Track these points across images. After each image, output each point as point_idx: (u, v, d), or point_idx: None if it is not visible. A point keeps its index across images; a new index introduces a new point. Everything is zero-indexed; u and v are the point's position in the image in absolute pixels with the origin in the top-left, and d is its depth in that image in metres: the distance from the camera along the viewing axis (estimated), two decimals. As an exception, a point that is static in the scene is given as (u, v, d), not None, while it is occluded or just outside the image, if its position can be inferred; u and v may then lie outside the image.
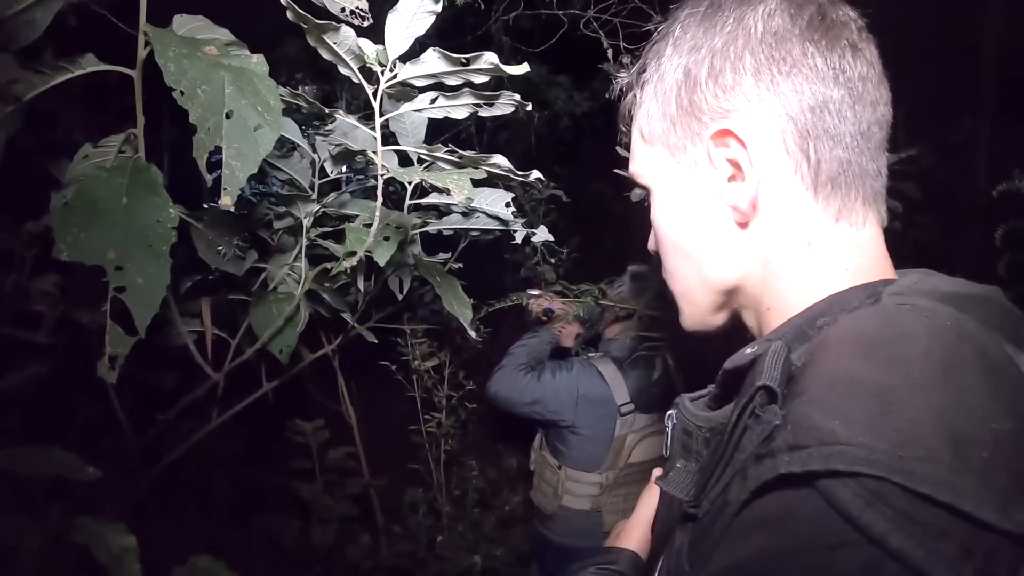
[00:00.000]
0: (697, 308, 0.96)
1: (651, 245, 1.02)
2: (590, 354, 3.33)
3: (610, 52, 2.86)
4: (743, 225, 0.85)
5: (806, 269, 0.84)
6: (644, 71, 0.94)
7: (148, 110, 1.45)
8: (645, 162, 0.95)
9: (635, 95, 0.96)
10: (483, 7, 3.22)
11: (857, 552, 0.52)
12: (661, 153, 0.92)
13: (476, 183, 1.68)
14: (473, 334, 2.01)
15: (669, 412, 0.95)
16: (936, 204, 5.15)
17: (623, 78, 1.00)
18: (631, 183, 1.07)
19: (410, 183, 1.73)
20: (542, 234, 2.03)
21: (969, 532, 0.51)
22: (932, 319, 0.66)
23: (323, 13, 1.39)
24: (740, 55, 0.82)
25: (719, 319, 0.95)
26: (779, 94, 0.81)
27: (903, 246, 4.64)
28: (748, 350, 0.78)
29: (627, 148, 1.02)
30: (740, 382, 0.75)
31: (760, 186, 0.83)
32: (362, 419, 3.40)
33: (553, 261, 3.74)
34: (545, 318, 3.34)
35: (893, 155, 2.57)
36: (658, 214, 0.95)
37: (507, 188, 1.90)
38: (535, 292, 3.41)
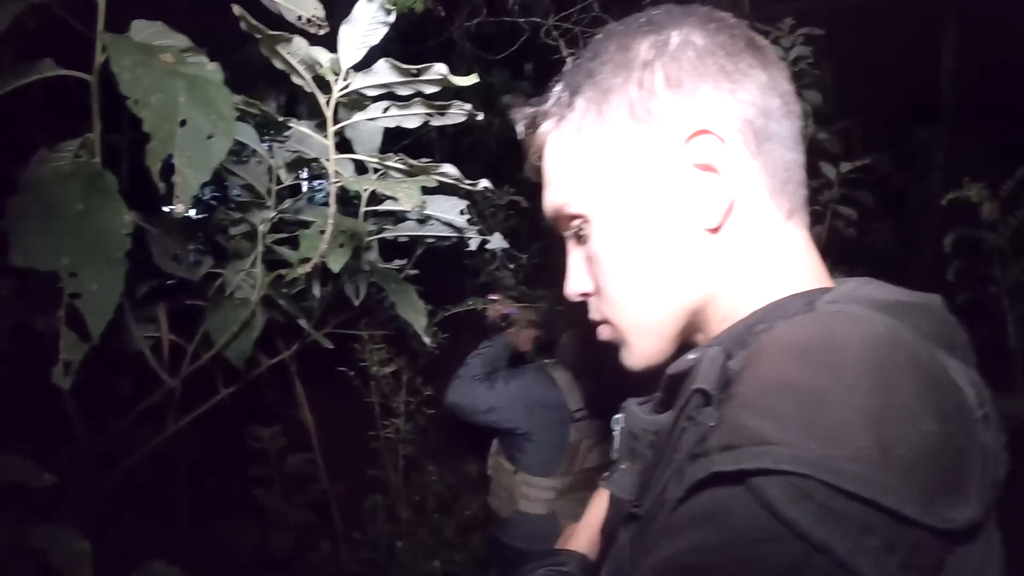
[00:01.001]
0: (655, 338, 0.92)
1: (575, 288, 0.99)
2: (545, 360, 3.36)
3: (569, 61, 2.91)
4: (715, 230, 0.85)
5: (761, 273, 0.86)
6: (576, 93, 0.92)
7: (107, 113, 1.46)
8: (583, 185, 0.92)
9: (560, 119, 0.94)
10: (444, 15, 3.25)
11: (785, 546, 0.55)
12: (607, 170, 0.89)
13: (431, 191, 1.70)
14: (427, 340, 2.03)
15: (616, 416, 0.97)
16: (893, 211, 5.26)
17: (529, 110, 0.99)
18: (549, 222, 1.01)
19: (365, 191, 1.75)
20: (496, 241, 2.06)
21: (893, 527, 0.54)
22: (866, 326, 0.68)
23: (281, 21, 1.41)
24: (695, 65, 0.84)
25: (673, 346, 0.92)
26: (737, 99, 0.83)
27: (861, 252, 4.74)
28: (690, 356, 0.80)
29: (537, 180, 1.00)
30: (681, 387, 0.78)
31: (738, 188, 0.84)
32: (320, 425, 3.39)
33: (512, 266, 3.76)
34: (503, 323, 3.37)
35: (848, 164, 2.61)
36: (605, 240, 0.91)
37: (467, 195, 1.92)
38: (494, 297, 3.45)
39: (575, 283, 0.99)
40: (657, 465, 0.76)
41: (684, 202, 0.85)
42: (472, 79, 1.39)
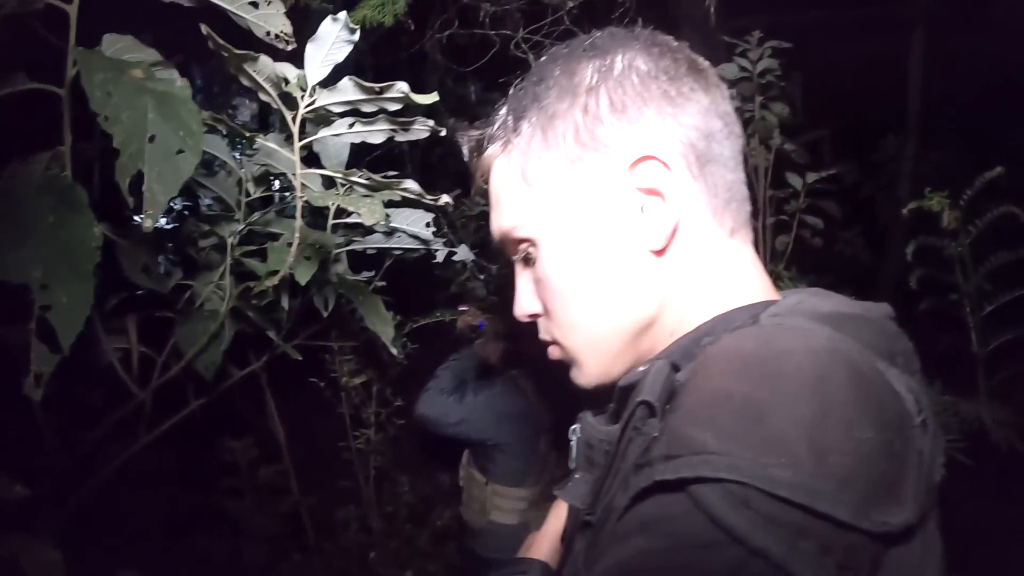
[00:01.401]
0: (607, 356, 0.93)
1: (524, 309, 1.01)
2: (513, 372, 3.39)
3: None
4: (660, 252, 0.88)
5: (706, 288, 0.89)
6: (521, 118, 0.93)
7: (76, 123, 1.48)
8: (530, 209, 0.94)
9: (506, 143, 0.95)
10: (414, 28, 3.28)
11: (724, 551, 0.58)
12: (553, 195, 0.91)
13: (398, 204, 1.74)
14: (395, 351, 2.05)
15: (573, 427, 0.99)
16: (862, 219, 5.34)
17: (475, 134, 1.00)
18: (497, 245, 1.03)
19: (331, 205, 1.78)
20: (463, 253, 2.09)
21: (828, 531, 0.58)
22: (807, 338, 0.71)
23: (249, 36, 1.45)
24: (639, 90, 0.87)
25: (625, 364, 0.93)
26: (680, 123, 0.87)
27: (830, 260, 4.81)
28: (640, 368, 0.83)
29: (485, 202, 1.02)
30: (630, 398, 0.80)
31: (681, 210, 0.87)
32: (292, 437, 3.40)
33: (482, 277, 3.80)
34: (472, 335, 3.39)
35: (814, 174, 2.67)
36: (553, 263, 0.93)
37: (435, 206, 1.95)
38: (463, 308, 3.48)
39: (524, 304, 1.01)
40: (606, 474, 0.79)
41: (629, 226, 0.88)
42: (432, 97, 1.42)
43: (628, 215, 0.88)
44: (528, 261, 0.97)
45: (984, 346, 2.72)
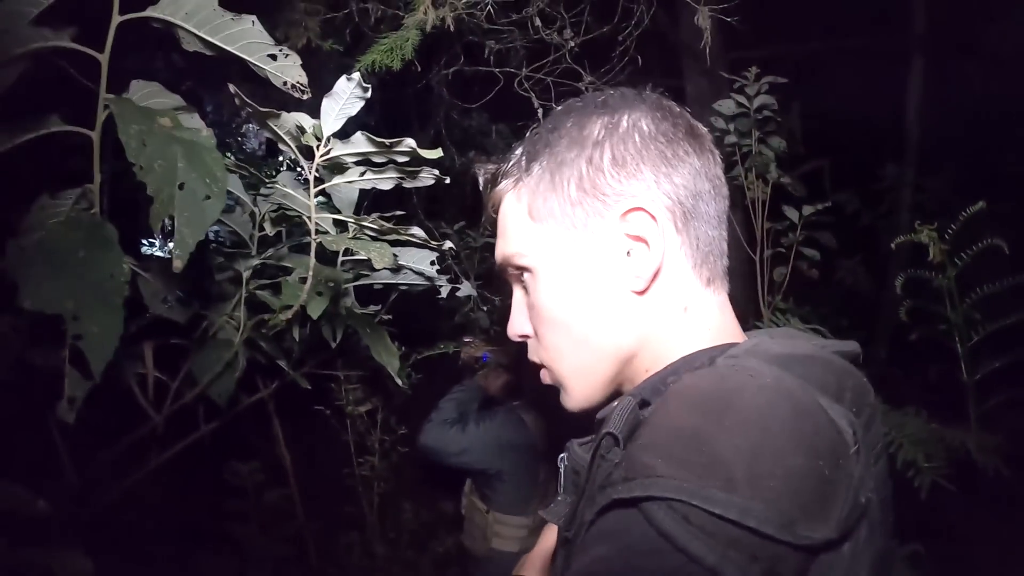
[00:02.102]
0: (589, 383, 1.05)
1: (517, 330, 1.13)
2: (515, 402, 3.47)
3: (540, 111, 3.04)
4: (642, 292, 0.98)
5: (680, 331, 1.00)
6: (534, 160, 1.04)
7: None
8: (532, 241, 1.04)
9: (517, 180, 1.07)
10: (422, 61, 3.38)
11: (668, 557, 0.69)
12: (554, 231, 1.02)
13: (404, 243, 1.84)
14: (400, 382, 2.13)
15: (561, 456, 1.11)
16: (862, 248, 5.40)
17: (491, 168, 1.13)
18: (499, 268, 1.15)
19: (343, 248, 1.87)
20: (466, 289, 2.17)
21: (756, 543, 0.68)
22: (756, 378, 0.82)
23: (269, 84, 1.56)
24: (639, 149, 0.98)
25: (607, 392, 1.05)
26: (672, 182, 0.98)
27: (831, 289, 4.86)
28: (615, 403, 0.93)
29: (492, 232, 1.14)
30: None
31: (664, 257, 0.98)
32: (297, 462, 3.47)
33: (486, 308, 3.88)
34: (476, 365, 3.47)
35: (810, 207, 2.73)
36: (546, 292, 1.04)
37: (441, 238, 2.03)
38: (468, 340, 3.55)
39: (516, 326, 1.13)
40: (582, 496, 0.90)
41: (616, 267, 0.99)
42: (437, 152, 1.54)
43: (616, 257, 0.99)
44: (525, 287, 1.09)
45: (972, 375, 2.79)
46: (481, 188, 1.16)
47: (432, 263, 2.02)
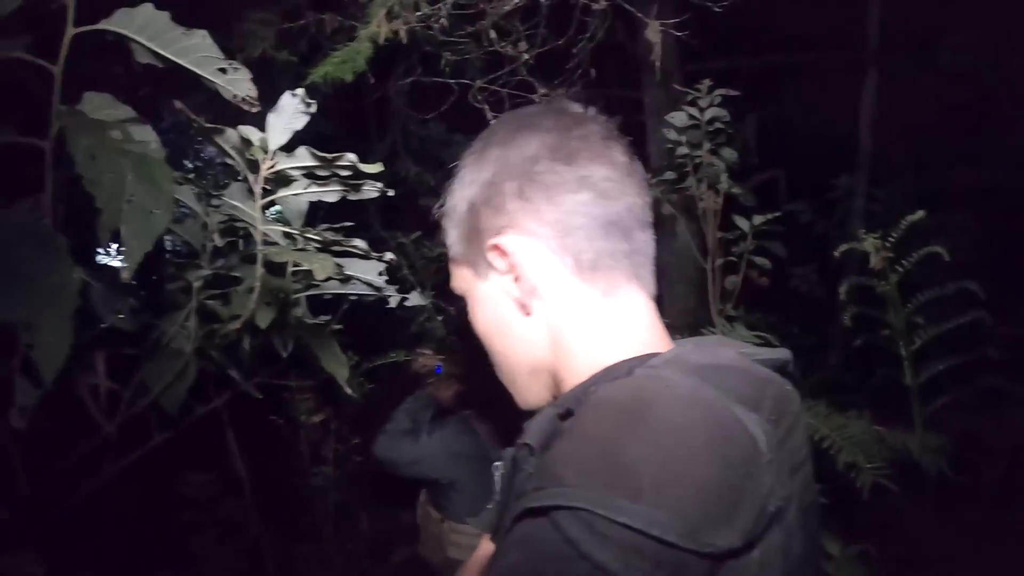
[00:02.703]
0: (519, 390, 1.12)
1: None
2: (466, 411, 3.49)
3: (492, 122, 3.05)
4: (528, 314, 1.04)
5: (585, 343, 1.02)
6: (443, 205, 1.13)
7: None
8: (458, 277, 1.14)
9: (443, 216, 1.14)
10: (380, 71, 3.39)
11: (575, 564, 0.71)
12: (460, 264, 1.12)
13: (349, 254, 1.87)
14: (350, 391, 2.15)
15: (496, 463, 1.13)
16: (815, 257, 5.48)
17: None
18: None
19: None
20: (415, 299, 2.19)
21: (660, 550, 0.70)
22: (671, 388, 0.84)
23: (218, 97, 1.59)
24: (502, 182, 1.03)
25: (541, 397, 1.10)
26: (537, 208, 1.01)
27: (785, 297, 4.93)
28: (538, 415, 0.97)
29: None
30: None
31: (536, 280, 1.02)
32: (253, 473, 3.47)
33: (441, 318, 3.90)
34: (430, 378, 3.49)
35: (760, 216, 2.79)
36: (472, 318, 1.13)
37: (397, 248, 2.04)
38: (425, 351, 3.57)
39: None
40: (505, 504, 0.95)
41: (502, 295, 1.06)
42: (377, 167, 1.58)
43: (503, 285, 1.06)
44: None
45: (916, 378, 2.86)
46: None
47: (380, 273, 2.04)
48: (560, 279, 1.03)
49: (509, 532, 0.80)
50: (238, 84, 1.58)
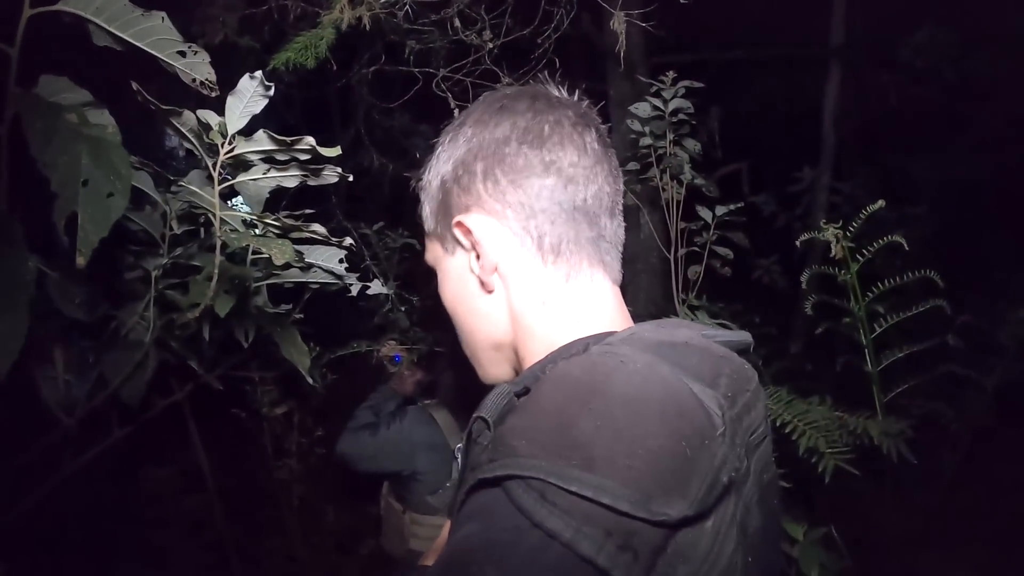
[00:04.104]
0: (481, 365, 1.17)
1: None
2: (426, 401, 3.49)
3: (456, 112, 3.05)
4: (489, 291, 1.07)
5: (544, 323, 1.05)
6: (424, 172, 1.15)
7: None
8: (430, 250, 1.18)
9: (419, 189, 1.18)
10: (343, 60, 3.37)
11: (528, 534, 0.72)
12: (433, 238, 1.16)
13: (308, 241, 1.85)
14: (311, 380, 2.13)
15: (458, 445, 1.16)
16: (778, 248, 5.54)
17: (418, 173, 1.20)
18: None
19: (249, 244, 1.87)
20: (376, 287, 2.17)
21: (611, 519, 0.71)
22: (627, 363, 0.85)
23: (177, 80, 1.56)
24: (473, 162, 1.05)
25: (503, 372, 1.15)
26: (503, 189, 1.04)
27: (748, 287, 4.99)
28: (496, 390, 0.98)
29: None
30: None
31: (497, 259, 1.05)
32: (216, 466, 3.44)
33: (404, 308, 3.88)
34: (391, 366, 3.48)
35: (723, 207, 2.81)
36: (440, 291, 1.17)
37: (361, 238, 2.02)
38: (390, 340, 3.56)
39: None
40: (461, 480, 0.94)
41: (467, 272, 1.10)
42: (336, 151, 1.55)
43: (464, 263, 1.10)
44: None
45: (876, 365, 2.90)
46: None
47: (341, 261, 2.02)
48: (521, 260, 1.06)
49: (463, 504, 0.81)
50: (197, 67, 1.56)
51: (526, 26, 3.20)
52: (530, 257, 1.05)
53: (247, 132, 1.58)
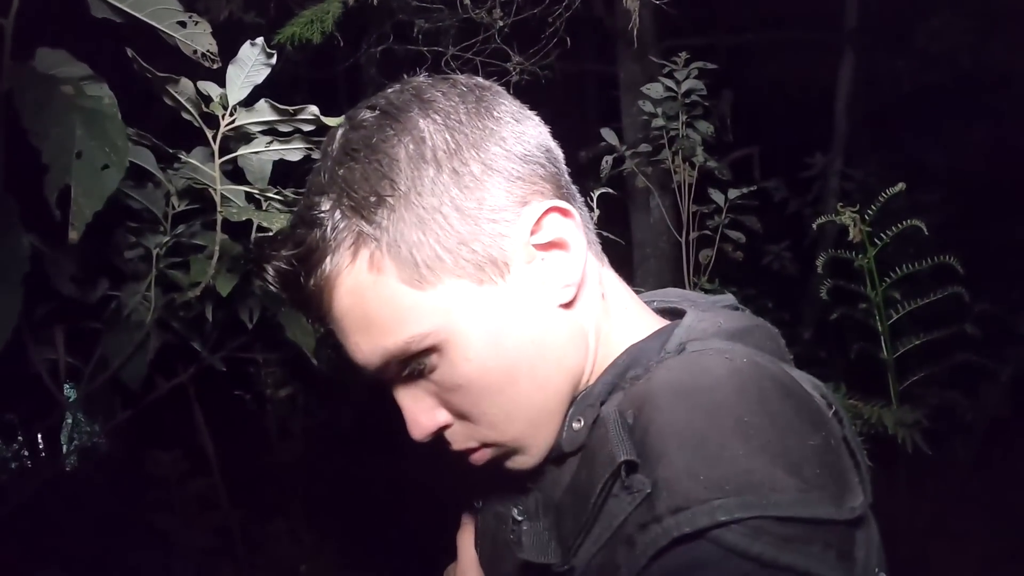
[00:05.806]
0: (551, 427, 0.87)
1: (430, 425, 0.87)
2: None
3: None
4: (570, 304, 0.84)
5: (613, 323, 0.90)
6: (364, 208, 0.79)
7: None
8: (427, 314, 0.79)
9: (354, 248, 0.80)
10: (351, 40, 3.32)
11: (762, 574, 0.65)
12: (454, 284, 0.79)
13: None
14: (315, 361, 2.09)
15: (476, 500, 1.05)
16: (789, 234, 5.49)
17: (286, 254, 0.83)
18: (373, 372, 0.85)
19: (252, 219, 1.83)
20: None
21: (823, 530, 0.66)
22: (732, 360, 0.77)
23: (177, 52, 1.52)
24: (508, 154, 0.82)
25: (559, 424, 0.88)
26: (548, 159, 0.88)
27: (762, 272, 4.95)
28: (575, 425, 0.85)
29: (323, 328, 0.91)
30: (583, 451, 0.84)
31: (584, 254, 0.85)
32: (221, 449, 3.41)
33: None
34: None
35: (736, 190, 2.77)
36: (468, 361, 0.81)
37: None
38: None
39: (426, 421, 0.87)
40: (580, 528, 0.77)
41: (539, 288, 0.83)
42: (341, 120, 1.50)
43: (535, 277, 0.83)
44: (426, 373, 0.84)
45: (892, 352, 2.86)
46: (280, 289, 0.86)
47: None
48: (585, 248, 0.86)
49: (648, 569, 0.69)
50: (198, 38, 1.51)
51: (536, 5, 3.16)
52: (588, 247, 0.87)
53: (248, 103, 1.53)
